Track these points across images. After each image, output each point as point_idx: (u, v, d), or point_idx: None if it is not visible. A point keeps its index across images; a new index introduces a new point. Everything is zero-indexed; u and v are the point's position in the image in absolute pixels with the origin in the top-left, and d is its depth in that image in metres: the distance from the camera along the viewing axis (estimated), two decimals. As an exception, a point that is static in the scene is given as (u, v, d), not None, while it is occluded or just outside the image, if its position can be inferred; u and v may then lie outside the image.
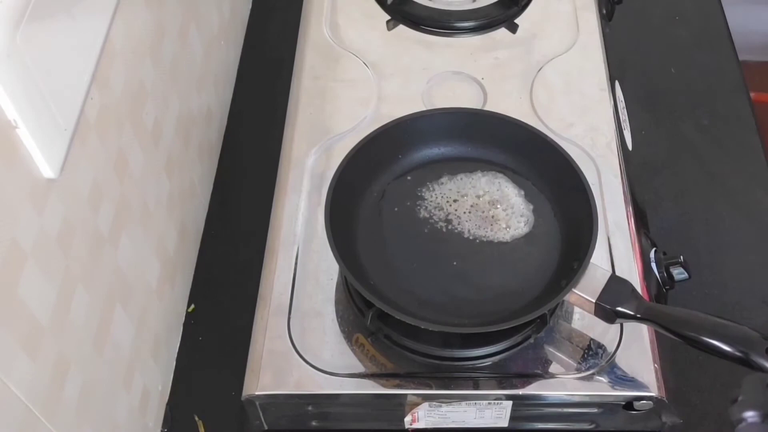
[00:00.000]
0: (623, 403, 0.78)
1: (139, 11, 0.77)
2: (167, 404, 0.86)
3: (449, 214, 0.85)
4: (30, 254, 0.57)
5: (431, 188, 0.87)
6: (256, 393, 0.78)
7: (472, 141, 0.89)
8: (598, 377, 0.78)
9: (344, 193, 0.82)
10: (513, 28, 1.07)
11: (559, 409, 0.80)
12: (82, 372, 0.65)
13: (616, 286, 0.76)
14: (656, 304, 0.82)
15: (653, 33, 1.18)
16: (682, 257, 0.86)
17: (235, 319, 0.89)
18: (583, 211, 0.80)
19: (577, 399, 0.78)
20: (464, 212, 0.86)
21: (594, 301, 0.75)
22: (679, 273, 0.86)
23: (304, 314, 0.82)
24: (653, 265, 0.87)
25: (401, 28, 1.08)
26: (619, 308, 0.74)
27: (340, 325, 0.82)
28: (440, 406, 0.78)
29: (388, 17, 1.08)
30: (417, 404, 0.78)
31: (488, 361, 0.79)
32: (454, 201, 0.86)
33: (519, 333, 0.78)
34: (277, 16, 1.20)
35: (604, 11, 1.12)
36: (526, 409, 0.79)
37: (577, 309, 0.81)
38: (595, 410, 0.80)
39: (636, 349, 0.79)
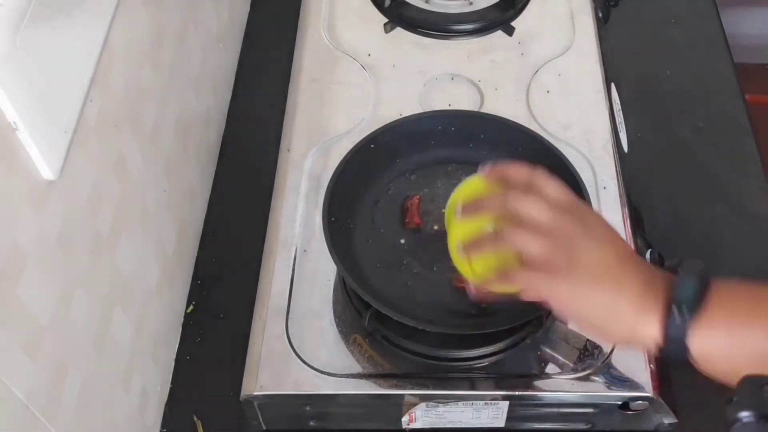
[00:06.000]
0: (619, 403, 0.78)
1: (138, 14, 0.77)
2: (166, 404, 0.86)
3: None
4: (30, 256, 0.57)
5: (428, 190, 0.88)
6: (255, 393, 0.78)
7: (469, 143, 0.89)
8: (594, 377, 0.78)
9: (342, 194, 0.82)
10: (509, 30, 1.08)
11: (556, 410, 0.81)
12: (81, 372, 0.66)
13: (611, 287, 0.76)
14: (652, 304, 0.82)
15: (649, 35, 1.19)
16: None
17: (234, 319, 0.89)
18: (579, 212, 0.81)
19: (573, 399, 0.79)
20: (461, 214, 0.86)
21: (590, 301, 0.75)
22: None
23: (302, 315, 0.82)
24: (649, 266, 0.87)
25: (398, 31, 1.08)
26: (615, 309, 0.75)
27: (338, 325, 0.82)
28: (437, 407, 0.78)
29: (386, 20, 1.09)
30: (414, 404, 0.78)
31: (485, 362, 0.79)
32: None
33: (516, 333, 0.78)
34: (275, 18, 1.20)
35: (600, 14, 1.12)
36: (522, 410, 0.80)
37: (573, 310, 0.81)
38: (591, 410, 0.80)
39: (631, 350, 0.80)
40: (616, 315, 0.62)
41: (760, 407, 0.60)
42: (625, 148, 0.98)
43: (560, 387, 0.78)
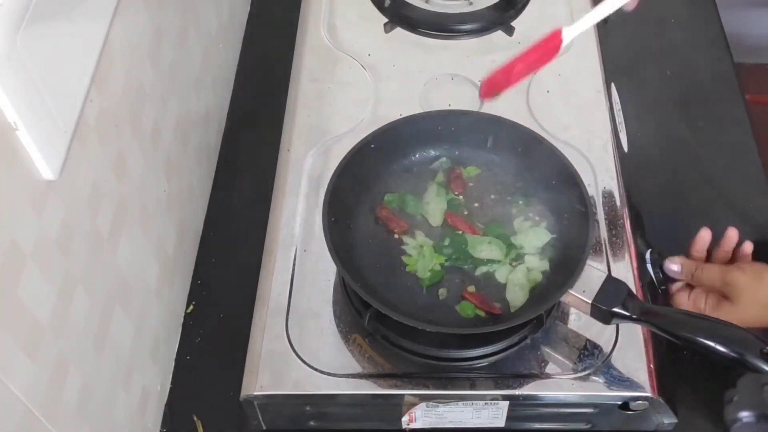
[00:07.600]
0: (619, 403, 0.78)
1: (138, 14, 0.77)
2: (166, 404, 0.86)
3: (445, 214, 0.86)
4: (30, 256, 0.57)
5: (428, 189, 0.88)
6: (255, 393, 0.78)
7: (469, 143, 0.89)
8: (594, 378, 0.78)
9: (342, 194, 0.82)
10: (509, 30, 1.08)
11: (556, 410, 0.81)
12: (81, 372, 0.66)
13: (612, 287, 0.76)
14: (652, 305, 0.82)
15: (649, 35, 1.18)
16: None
17: (234, 319, 0.89)
18: (579, 212, 0.81)
19: (573, 399, 0.79)
20: (460, 213, 0.86)
21: (590, 302, 0.75)
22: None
23: (302, 315, 0.82)
24: (649, 266, 0.87)
25: (398, 31, 1.08)
26: (615, 309, 0.75)
27: (338, 325, 0.82)
28: (437, 407, 0.78)
29: (386, 20, 1.09)
30: (414, 404, 0.78)
31: (485, 362, 0.79)
32: (451, 202, 0.87)
33: (516, 334, 0.78)
34: (275, 18, 1.20)
35: (601, 14, 1.12)
36: (522, 410, 0.80)
37: (573, 310, 0.81)
38: (591, 410, 0.80)
39: (631, 350, 0.80)
40: None
41: (760, 407, 0.60)
42: (625, 148, 0.98)
43: (560, 387, 0.78)
